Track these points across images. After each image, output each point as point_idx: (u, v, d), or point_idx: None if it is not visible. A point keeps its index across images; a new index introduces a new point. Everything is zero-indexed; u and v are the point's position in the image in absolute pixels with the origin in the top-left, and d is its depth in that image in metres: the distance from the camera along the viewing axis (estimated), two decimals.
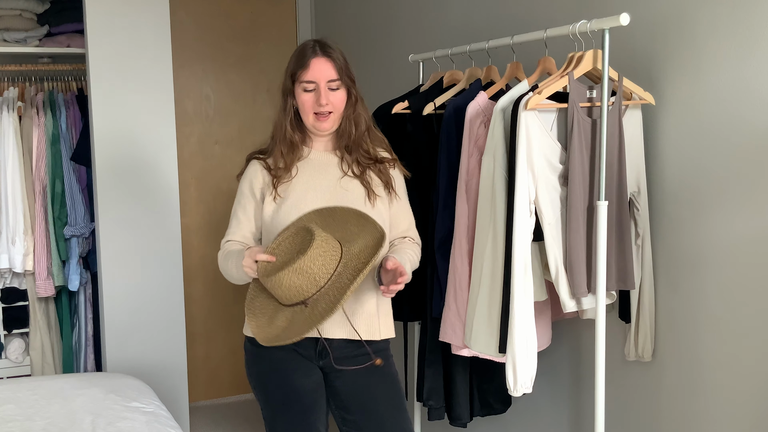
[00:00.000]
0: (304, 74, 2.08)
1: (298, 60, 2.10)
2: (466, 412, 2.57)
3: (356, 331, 2.11)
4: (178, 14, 4.09)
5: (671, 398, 2.23)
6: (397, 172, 2.24)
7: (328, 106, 2.09)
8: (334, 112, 2.12)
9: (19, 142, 3.69)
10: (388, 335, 2.21)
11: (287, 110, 2.14)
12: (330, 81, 2.08)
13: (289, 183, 2.15)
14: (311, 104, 2.10)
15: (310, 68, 2.08)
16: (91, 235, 3.79)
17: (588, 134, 2.13)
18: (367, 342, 2.15)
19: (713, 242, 2.06)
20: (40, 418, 2.39)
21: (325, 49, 2.10)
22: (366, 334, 2.15)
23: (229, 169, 4.28)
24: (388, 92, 3.06)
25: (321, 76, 2.08)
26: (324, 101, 2.08)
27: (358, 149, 2.17)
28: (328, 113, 2.11)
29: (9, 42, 3.78)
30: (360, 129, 2.17)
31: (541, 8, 2.63)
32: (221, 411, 4.29)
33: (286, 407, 2.14)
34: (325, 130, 2.15)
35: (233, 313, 4.38)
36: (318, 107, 2.09)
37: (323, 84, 2.08)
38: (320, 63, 2.08)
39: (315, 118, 2.11)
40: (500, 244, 2.17)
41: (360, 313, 2.14)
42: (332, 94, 2.10)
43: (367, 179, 2.17)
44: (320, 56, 2.08)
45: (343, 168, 2.18)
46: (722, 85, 2.01)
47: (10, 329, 3.86)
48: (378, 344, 2.18)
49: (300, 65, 2.09)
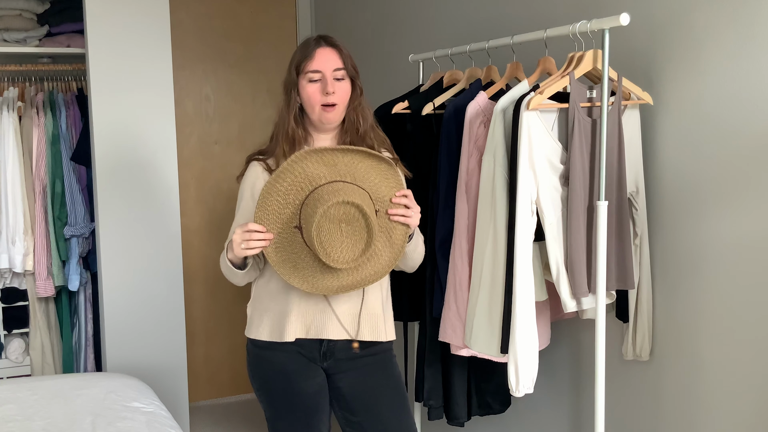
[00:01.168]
0: (309, 64, 2.07)
1: (302, 51, 2.10)
2: (463, 412, 2.58)
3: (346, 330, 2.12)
4: (178, 14, 4.09)
5: (670, 397, 2.23)
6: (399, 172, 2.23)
7: (334, 95, 2.07)
8: (339, 104, 2.09)
9: (19, 142, 3.69)
10: (392, 337, 2.21)
11: (291, 105, 2.12)
12: (336, 70, 2.07)
13: None
14: (317, 95, 2.07)
15: (315, 58, 2.07)
16: (91, 235, 3.79)
17: (588, 134, 2.13)
18: (372, 343, 2.16)
19: (711, 242, 2.07)
20: (40, 419, 2.39)
21: (328, 39, 2.11)
22: (371, 335, 2.15)
23: (229, 170, 4.29)
24: (388, 92, 3.06)
25: (327, 65, 2.07)
26: (331, 89, 2.05)
27: (362, 145, 2.14)
28: (334, 104, 2.08)
29: (9, 42, 3.78)
30: (367, 121, 2.15)
31: (541, 8, 2.63)
32: (221, 411, 4.29)
33: (289, 409, 2.14)
34: (331, 122, 2.11)
35: (233, 313, 4.38)
36: (325, 97, 2.06)
37: (329, 73, 2.07)
38: (326, 52, 2.08)
39: (322, 109, 2.08)
40: (500, 244, 2.17)
41: (365, 314, 2.14)
42: (338, 84, 2.08)
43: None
44: (325, 46, 2.08)
45: None
46: (720, 85, 2.01)
47: (10, 329, 3.86)
48: (383, 345, 2.19)
49: (305, 56, 2.08)
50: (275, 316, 2.13)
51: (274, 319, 2.13)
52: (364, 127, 2.14)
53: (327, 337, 2.11)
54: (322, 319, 2.11)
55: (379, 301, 2.16)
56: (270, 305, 2.14)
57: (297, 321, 2.11)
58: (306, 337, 2.12)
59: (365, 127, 2.14)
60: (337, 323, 2.11)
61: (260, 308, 2.17)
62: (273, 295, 2.14)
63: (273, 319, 2.14)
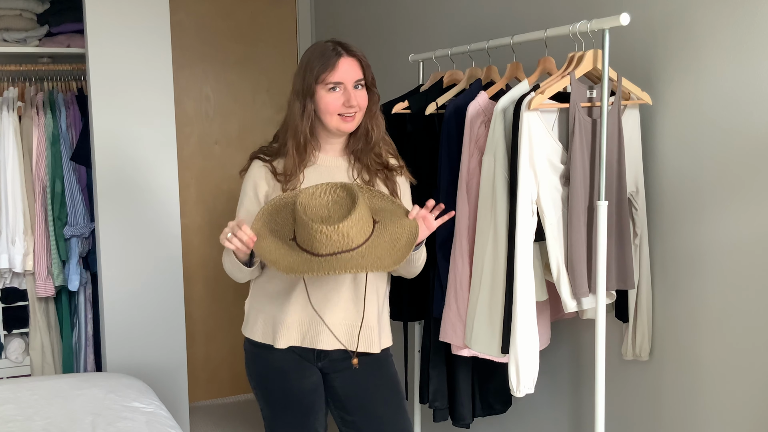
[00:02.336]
0: (331, 76, 2.01)
1: (323, 62, 2.02)
2: (469, 413, 2.57)
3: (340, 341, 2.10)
4: (178, 14, 4.09)
5: (669, 397, 2.23)
6: (404, 179, 2.20)
7: (356, 107, 2.04)
8: (359, 112, 2.06)
9: (19, 142, 3.69)
10: (386, 345, 2.20)
11: (306, 114, 2.04)
12: (357, 81, 2.04)
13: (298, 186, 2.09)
14: (337, 105, 2.03)
15: (338, 69, 2.01)
16: (91, 235, 3.79)
17: (588, 134, 2.13)
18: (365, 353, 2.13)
19: (711, 242, 2.07)
20: (40, 418, 2.39)
21: (349, 48, 2.05)
22: (364, 347, 2.12)
23: (229, 169, 4.29)
24: (388, 92, 3.05)
25: (348, 76, 2.03)
26: (354, 102, 2.02)
27: (370, 153, 2.11)
28: (354, 114, 2.05)
29: (9, 42, 3.78)
30: (380, 130, 2.12)
31: (541, 8, 2.63)
32: (221, 411, 4.29)
33: (285, 408, 2.15)
34: (348, 131, 2.08)
35: (233, 313, 4.38)
36: (346, 108, 2.03)
37: (350, 85, 2.03)
38: (348, 63, 2.03)
39: (340, 119, 2.04)
40: (501, 244, 2.17)
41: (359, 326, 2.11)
42: (358, 94, 2.05)
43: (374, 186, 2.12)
44: (347, 56, 2.03)
45: (352, 174, 2.13)
46: (720, 85, 2.01)
47: (10, 329, 3.86)
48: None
49: (326, 66, 2.01)
50: (270, 320, 2.13)
51: (268, 322, 2.13)
52: (376, 136, 2.11)
53: (321, 348, 2.10)
54: (316, 330, 2.09)
55: (374, 314, 2.14)
56: (266, 307, 2.14)
57: (291, 329, 2.09)
58: (301, 345, 2.11)
59: (377, 135, 2.12)
60: (329, 334, 2.09)
61: (256, 307, 2.17)
62: (270, 298, 2.13)
63: (267, 322, 2.13)
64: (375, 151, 2.12)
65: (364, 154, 2.12)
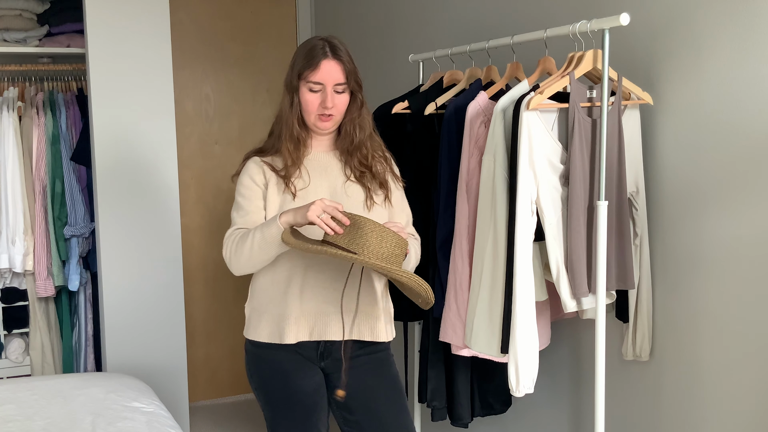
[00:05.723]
0: (312, 75, 2.05)
1: (307, 59, 2.07)
2: (467, 413, 2.58)
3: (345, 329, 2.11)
4: (178, 14, 4.09)
5: (669, 397, 2.23)
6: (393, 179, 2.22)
7: (333, 109, 2.08)
8: (335, 116, 2.10)
9: (19, 142, 3.69)
10: (390, 337, 2.22)
11: (294, 107, 2.11)
12: (337, 84, 2.07)
13: (299, 179, 2.12)
14: (315, 105, 2.08)
15: (319, 70, 2.05)
16: (91, 235, 3.79)
17: (588, 134, 2.13)
18: (371, 343, 2.16)
19: (711, 242, 2.07)
20: (40, 418, 2.39)
21: (335, 51, 2.06)
22: (370, 336, 2.16)
23: (229, 169, 4.23)
24: (388, 92, 3.06)
25: (329, 78, 2.05)
26: (330, 104, 2.06)
27: (356, 153, 2.15)
28: (330, 115, 2.09)
29: (9, 42, 3.78)
30: (364, 133, 2.15)
31: (541, 8, 2.63)
32: (221, 411, 4.29)
33: (287, 409, 2.15)
34: (325, 130, 2.14)
35: (233, 313, 4.38)
36: (322, 109, 2.07)
37: (330, 87, 2.06)
38: (330, 65, 2.05)
39: (317, 117, 2.10)
40: (501, 244, 2.17)
41: (364, 314, 2.14)
42: (337, 97, 2.08)
43: (367, 183, 2.16)
44: (330, 59, 2.05)
45: (346, 172, 2.16)
46: (720, 85, 2.01)
47: (10, 329, 3.86)
48: (381, 344, 2.20)
49: (309, 65, 2.06)
50: (274, 318, 2.13)
51: (272, 321, 2.13)
52: (359, 138, 2.15)
53: (330, 338, 2.11)
54: (325, 321, 2.11)
55: (379, 302, 2.16)
56: (268, 307, 2.14)
57: (298, 323, 2.11)
58: (309, 339, 2.12)
59: (361, 137, 2.15)
60: (337, 323, 2.10)
61: (259, 309, 2.17)
62: (272, 297, 2.13)
63: (272, 321, 2.13)
64: (361, 152, 2.16)
65: (351, 154, 2.16)
